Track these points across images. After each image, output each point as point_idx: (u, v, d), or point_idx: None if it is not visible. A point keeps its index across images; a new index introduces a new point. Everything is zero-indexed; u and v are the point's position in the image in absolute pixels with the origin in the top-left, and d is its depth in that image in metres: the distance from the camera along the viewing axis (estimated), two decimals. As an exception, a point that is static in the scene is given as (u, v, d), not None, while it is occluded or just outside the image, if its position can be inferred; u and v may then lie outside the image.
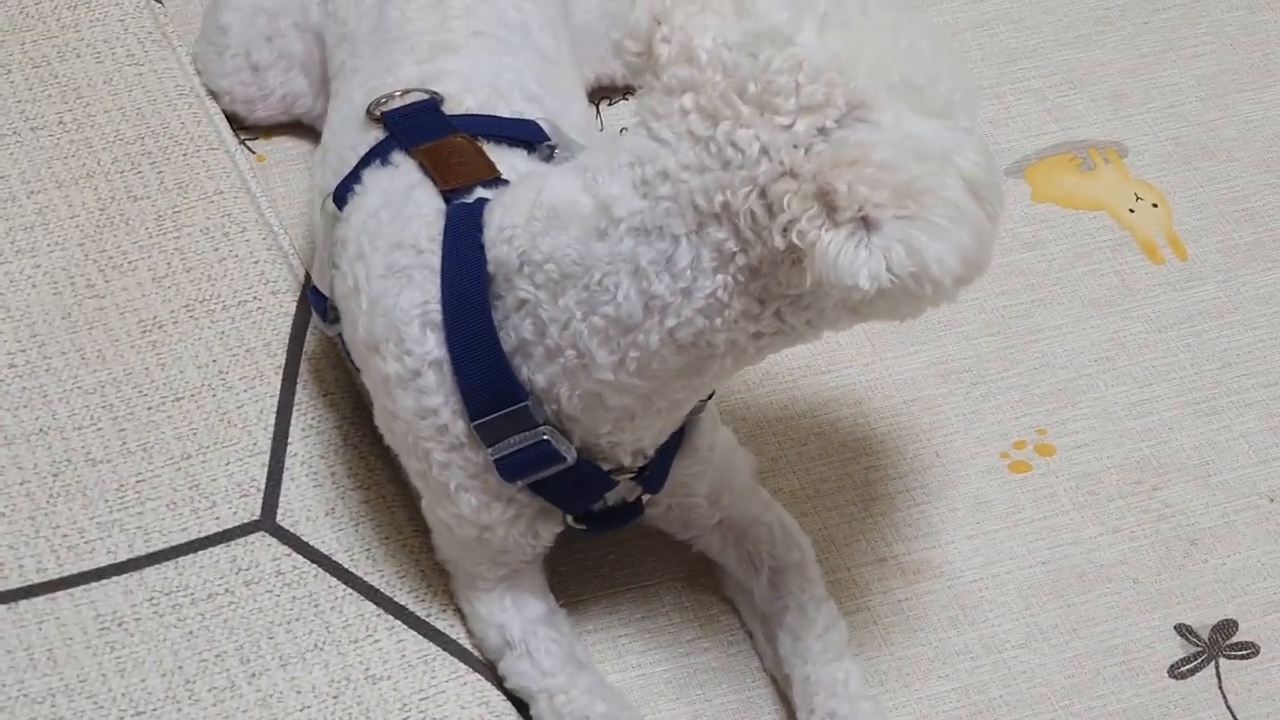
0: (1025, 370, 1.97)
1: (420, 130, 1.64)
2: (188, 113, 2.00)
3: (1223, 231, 2.10)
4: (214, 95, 2.04)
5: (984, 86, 2.20)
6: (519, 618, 1.67)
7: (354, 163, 1.68)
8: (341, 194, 1.67)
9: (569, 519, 1.64)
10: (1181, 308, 2.03)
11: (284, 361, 1.83)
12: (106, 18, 2.05)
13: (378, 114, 1.69)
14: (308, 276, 1.89)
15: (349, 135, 1.73)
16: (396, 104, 1.69)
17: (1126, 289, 2.04)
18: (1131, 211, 2.11)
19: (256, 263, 1.89)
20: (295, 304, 1.86)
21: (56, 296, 1.86)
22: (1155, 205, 2.12)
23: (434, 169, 1.60)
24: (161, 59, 2.03)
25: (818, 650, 1.67)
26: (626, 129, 1.51)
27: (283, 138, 2.08)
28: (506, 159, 1.62)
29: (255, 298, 1.87)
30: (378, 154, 1.66)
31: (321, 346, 1.85)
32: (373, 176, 1.65)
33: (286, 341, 1.84)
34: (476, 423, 1.53)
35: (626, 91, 2.12)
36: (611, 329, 1.46)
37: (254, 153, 2.06)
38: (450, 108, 1.68)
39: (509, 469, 1.55)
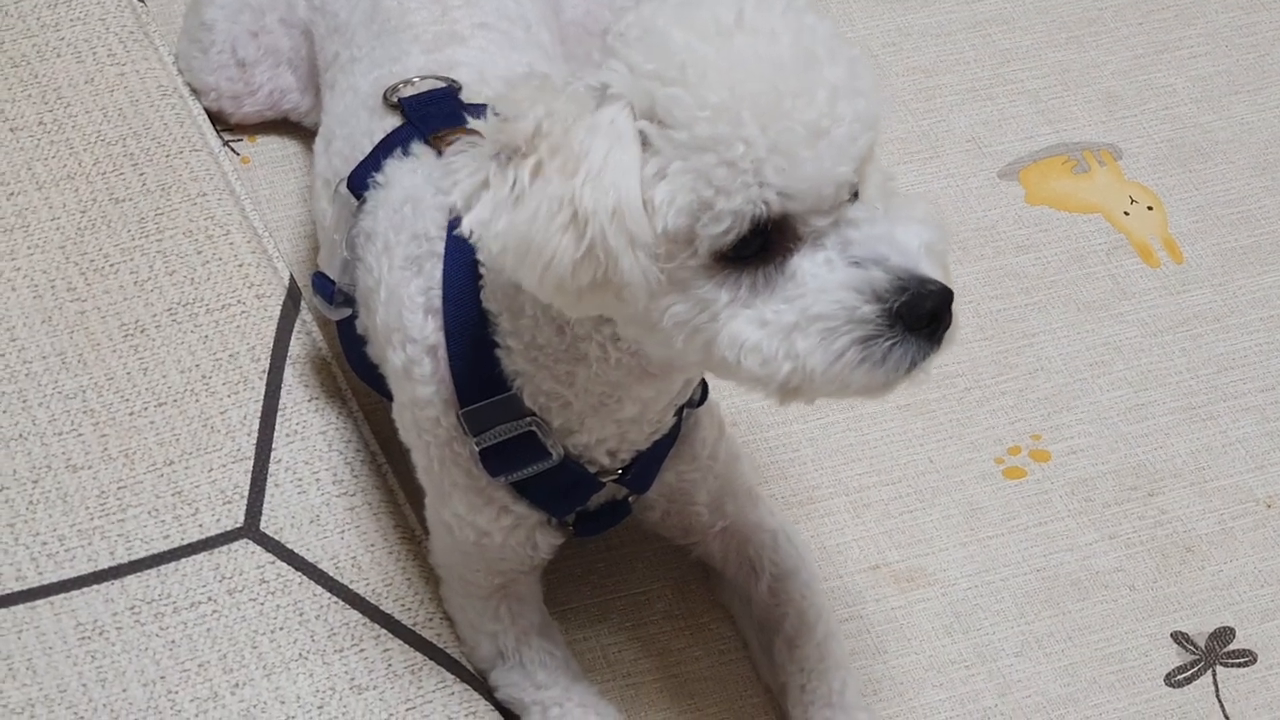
0: (1020, 375, 1.95)
1: (437, 117, 1.63)
2: (170, 113, 1.97)
3: (1218, 234, 2.08)
4: (198, 92, 2.02)
5: (978, 88, 2.19)
6: (513, 627, 1.66)
7: (368, 148, 1.67)
8: (359, 180, 1.66)
9: (552, 520, 1.61)
10: (1177, 311, 2.01)
11: (268, 366, 1.80)
12: (87, 16, 2.03)
13: (394, 100, 1.68)
14: (292, 280, 1.87)
15: (359, 122, 1.71)
16: (412, 90, 1.67)
17: (1121, 292, 2.03)
18: (1126, 214, 2.09)
19: (240, 266, 1.87)
20: (279, 308, 1.84)
21: (37, 300, 1.83)
22: (1150, 208, 2.10)
23: None
24: (144, 58, 2.01)
25: (814, 659, 1.65)
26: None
27: (267, 139, 2.06)
28: None
29: (239, 301, 1.84)
30: (397, 141, 1.64)
31: (306, 351, 1.83)
32: (395, 169, 1.63)
33: (271, 346, 1.82)
34: (465, 409, 1.52)
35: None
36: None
37: (238, 154, 2.04)
38: (467, 97, 1.67)
39: (493, 460, 1.53)
